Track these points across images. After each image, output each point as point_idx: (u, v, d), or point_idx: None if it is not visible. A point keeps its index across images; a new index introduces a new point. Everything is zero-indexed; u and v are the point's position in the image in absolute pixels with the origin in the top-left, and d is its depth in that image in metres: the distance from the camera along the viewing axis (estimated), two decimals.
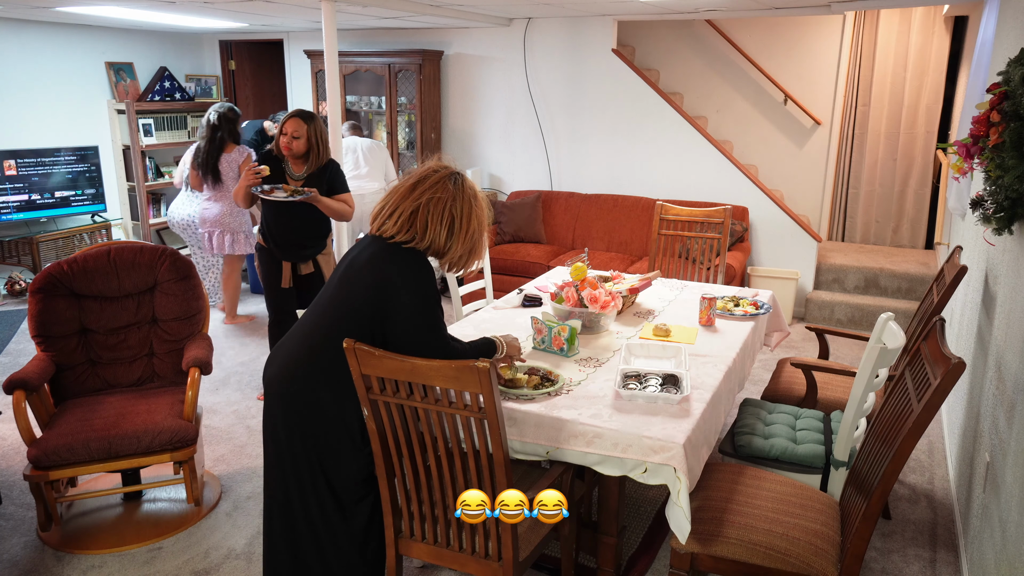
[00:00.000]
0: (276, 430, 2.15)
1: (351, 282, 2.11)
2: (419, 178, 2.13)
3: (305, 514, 2.15)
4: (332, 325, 2.07)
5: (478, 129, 6.67)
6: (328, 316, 2.11)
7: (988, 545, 2.25)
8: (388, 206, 2.14)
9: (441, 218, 2.10)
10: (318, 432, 2.10)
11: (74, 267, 3.11)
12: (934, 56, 6.19)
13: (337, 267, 2.22)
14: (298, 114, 3.68)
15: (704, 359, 2.69)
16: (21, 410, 2.73)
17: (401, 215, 2.10)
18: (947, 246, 5.19)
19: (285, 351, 2.16)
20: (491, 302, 3.63)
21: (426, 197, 2.10)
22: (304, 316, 2.22)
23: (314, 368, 2.09)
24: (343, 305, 2.09)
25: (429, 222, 2.10)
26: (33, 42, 6.38)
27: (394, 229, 2.10)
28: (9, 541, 2.86)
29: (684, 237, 4.26)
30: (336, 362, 2.04)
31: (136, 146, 6.91)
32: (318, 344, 2.09)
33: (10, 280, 6.00)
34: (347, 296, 2.10)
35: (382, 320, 2.06)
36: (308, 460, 2.12)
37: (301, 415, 2.10)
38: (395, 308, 2.06)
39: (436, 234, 2.11)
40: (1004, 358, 2.36)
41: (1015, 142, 2.02)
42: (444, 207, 2.11)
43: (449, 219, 2.11)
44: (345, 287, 2.12)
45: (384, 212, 2.14)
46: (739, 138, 6.76)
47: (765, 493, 2.26)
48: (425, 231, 2.10)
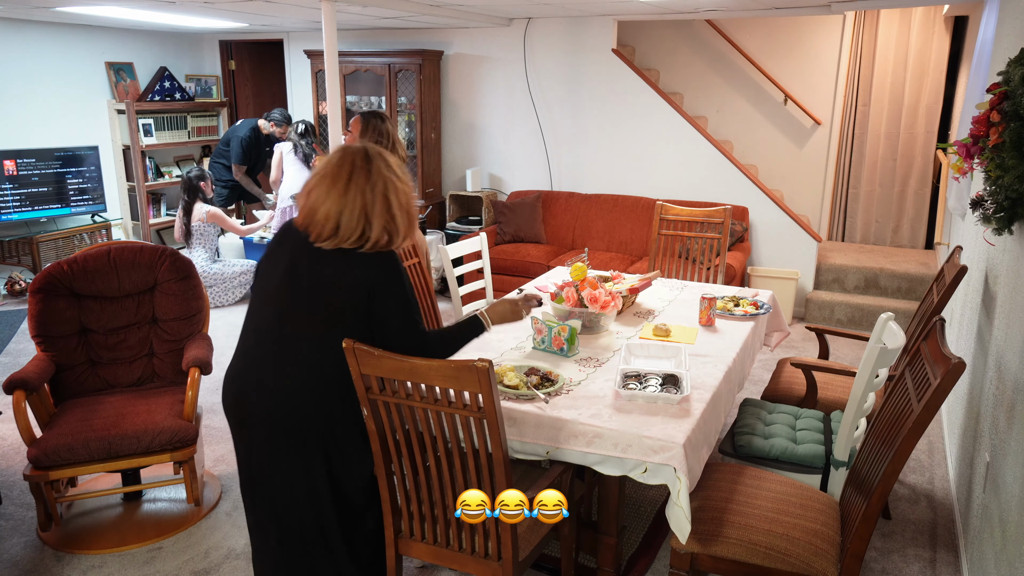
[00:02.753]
0: (272, 462, 2.07)
1: (326, 299, 2.00)
2: (343, 178, 1.99)
3: (314, 543, 2.12)
4: (325, 342, 2.01)
5: (478, 129, 6.67)
6: (317, 333, 2.02)
7: (988, 545, 2.25)
8: (321, 214, 1.98)
9: (383, 209, 2.00)
10: (331, 446, 2.06)
11: (74, 267, 3.11)
12: (934, 56, 6.19)
13: (270, 273, 2.09)
14: (361, 113, 3.60)
15: (704, 359, 2.69)
16: (21, 410, 2.73)
17: (344, 222, 1.97)
18: (947, 246, 5.19)
19: (270, 380, 2.03)
20: (491, 302, 3.62)
21: (360, 197, 1.98)
22: (267, 338, 2.06)
23: (322, 383, 2.03)
24: (328, 322, 2.01)
25: (374, 219, 1.99)
26: (33, 42, 6.38)
27: (347, 236, 1.98)
28: (9, 541, 2.86)
29: (684, 237, 4.26)
30: (344, 370, 2.01)
31: (136, 146, 6.91)
32: (317, 361, 2.02)
33: (10, 280, 6.00)
34: (328, 312, 2.01)
35: (369, 325, 2.03)
36: (316, 482, 2.06)
37: (314, 436, 2.04)
38: (382, 314, 2.01)
39: (384, 226, 2.01)
40: (1004, 358, 2.36)
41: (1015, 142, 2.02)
42: (376, 196, 1.99)
43: (385, 205, 2.00)
44: (320, 303, 2.01)
45: (320, 220, 1.99)
46: (739, 138, 6.76)
47: (765, 493, 2.26)
48: (372, 228, 1.99)
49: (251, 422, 2.07)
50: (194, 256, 5.73)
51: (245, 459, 2.14)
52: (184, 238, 5.79)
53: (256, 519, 2.18)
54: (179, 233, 5.80)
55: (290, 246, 2.09)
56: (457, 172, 6.85)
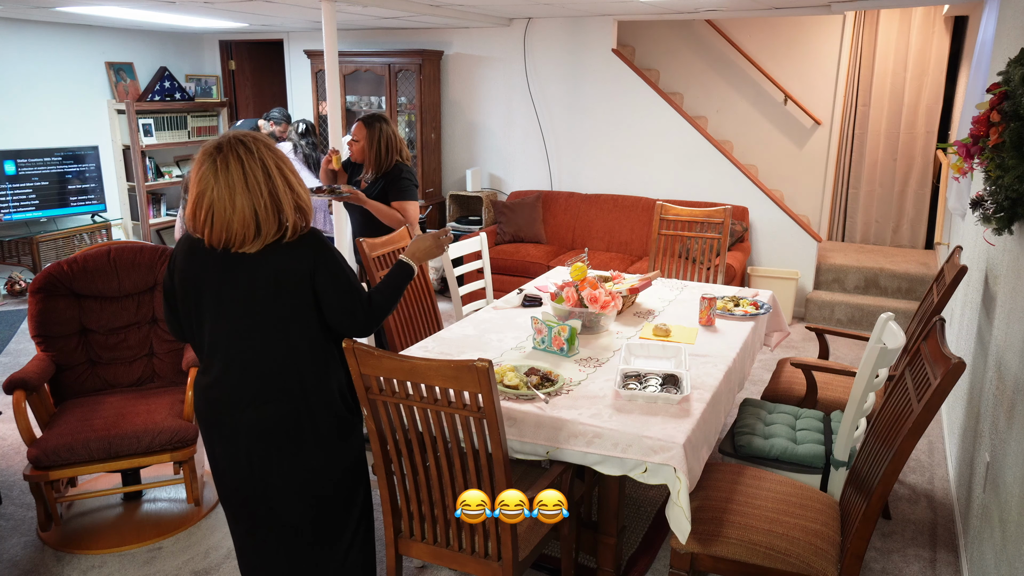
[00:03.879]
0: (264, 465, 2.04)
1: (274, 296, 1.95)
2: (238, 176, 1.88)
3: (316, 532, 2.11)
4: (288, 343, 1.98)
5: (478, 129, 6.67)
6: (274, 337, 1.98)
7: (988, 545, 2.25)
8: (238, 221, 1.88)
9: (285, 188, 1.93)
10: (316, 436, 2.04)
11: (74, 267, 3.11)
12: (934, 56, 6.19)
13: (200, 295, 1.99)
14: (362, 119, 3.67)
15: (704, 359, 2.69)
16: (21, 410, 2.73)
17: (263, 218, 1.89)
18: (947, 246, 5.19)
19: (244, 395, 1.99)
20: (491, 302, 3.62)
21: (262, 186, 1.89)
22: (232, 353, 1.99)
23: (293, 373, 2.00)
24: (281, 323, 1.97)
25: (284, 203, 1.92)
26: (33, 42, 6.38)
27: (268, 230, 1.91)
28: (9, 541, 2.86)
29: (684, 237, 4.26)
30: (315, 355, 1.99)
31: (136, 146, 6.91)
32: (284, 366, 1.99)
33: (10, 280, 6.00)
34: (280, 312, 1.97)
35: (318, 309, 2.00)
36: (310, 473, 2.06)
37: (299, 432, 2.02)
38: (328, 292, 1.98)
39: (295, 204, 1.94)
40: (1004, 358, 2.36)
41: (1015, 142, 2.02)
42: (275, 179, 1.91)
43: (285, 183, 1.93)
44: (269, 306, 1.96)
45: (239, 228, 1.89)
46: (739, 138, 6.76)
47: (765, 493, 2.26)
48: (284, 213, 1.93)
49: (234, 437, 2.03)
50: None
51: (230, 468, 2.08)
52: None
53: (251, 524, 2.14)
54: (179, 233, 5.79)
55: (205, 265, 1.97)
56: (457, 172, 6.85)
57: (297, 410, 2.01)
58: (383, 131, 3.63)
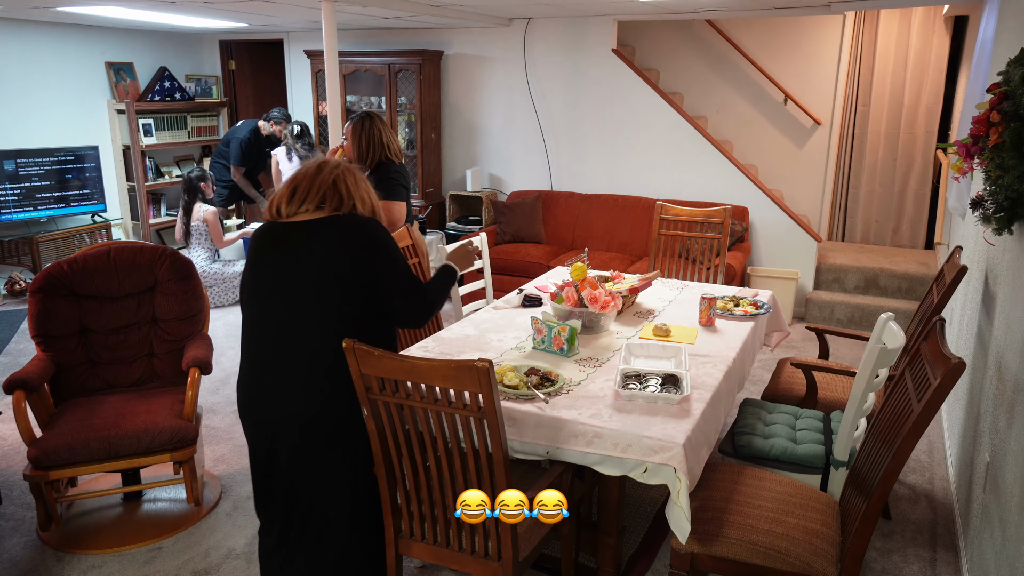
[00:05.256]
0: (305, 461, 2.12)
1: (327, 283, 2.06)
2: (318, 164, 2.19)
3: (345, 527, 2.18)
4: (333, 329, 2.06)
5: (478, 129, 6.67)
6: (322, 323, 2.07)
7: (988, 545, 2.25)
8: (299, 191, 2.13)
9: (355, 183, 2.18)
10: (353, 433, 2.13)
11: (74, 267, 3.11)
12: (934, 56, 6.19)
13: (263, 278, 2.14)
14: (352, 117, 3.69)
15: (704, 359, 2.69)
16: (21, 410, 2.73)
17: (321, 191, 2.13)
18: (947, 246, 5.19)
19: (288, 385, 2.09)
20: (491, 302, 3.62)
21: (333, 174, 2.16)
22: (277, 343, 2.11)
23: (337, 384, 2.08)
24: (329, 307, 2.07)
25: (346, 188, 2.16)
26: (33, 42, 6.38)
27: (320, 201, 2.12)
28: (9, 541, 2.86)
29: (684, 237, 4.26)
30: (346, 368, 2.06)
31: (136, 146, 6.91)
32: (330, 358, 2.06)
33: (10, 280, 6.00)
34: (330, 296, 2.06)
35: (369, 297, 2.10)
36: (348, 468, 2.15)
37: (341, 428, 2.12)
38: (379, 273, 2.10)
39: (351, 193, 2.16)
40: (1004, 358, 2.36)
41: (1015, 142, 2.02)
42: (335, 176, 2.16)
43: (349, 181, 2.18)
44: (322, 289, 2.06)
45: (299, 196, 2.13)
46: (739, 138, 6.76)
47: (765, 493, 2.26)
48: (346, 193, 2.15)
49: (277, 430, 2.11)
50: (194, 256, 5.73)
51: (268, 464, 2.16)
52: (184, 238, 5.78)
53: (286, 521, 2.19)
54: (179, 233, 5.80)
55: (271, 248, 2.14)
56: (457, 172, 6.85)
57: (334, 404, 2.14)
58: (366, 127, 3.66)
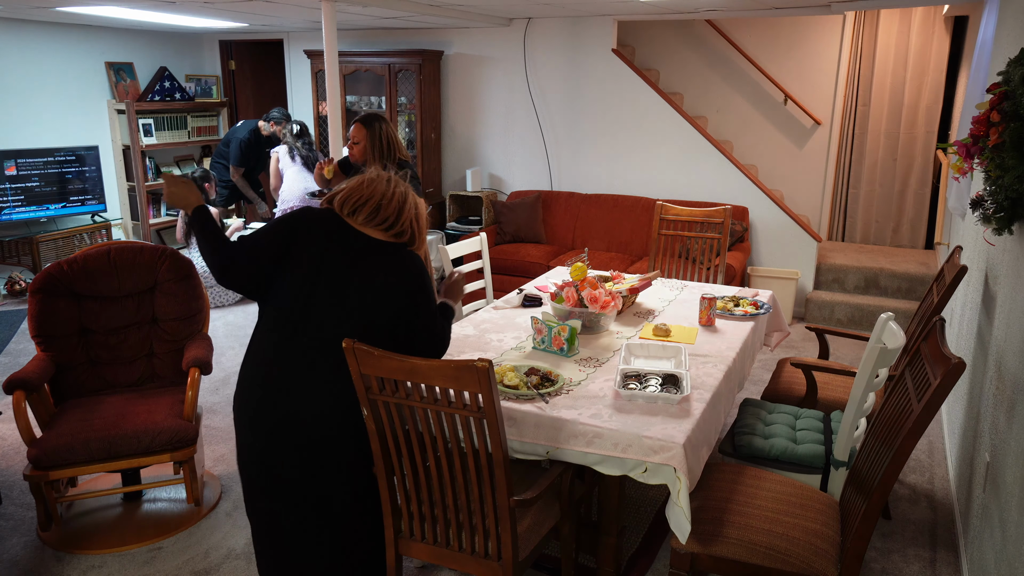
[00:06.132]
0: (307, 468, 2.09)
1: (367, 301, 2.07)
2: (384, 176, 2.21)
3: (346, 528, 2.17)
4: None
5: (478, 129, 6.67)
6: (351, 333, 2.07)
7: (988, 545, 2.25)
8: (371, 203, 2.14)
9: (412, 211, 2.20)
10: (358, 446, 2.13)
11: (74, 267, 3.11)
12: (934, 56, 6.19)
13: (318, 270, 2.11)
14: (360, 119, 3.60)
15: (704, 359, 2.69)
16: (21, 410, 2.72)
17: (390, 215, 2.15)
18: (947, 246, 5.19)
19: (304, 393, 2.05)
20: (491, 302, 3.63)
21: (399, 191, 2.18)
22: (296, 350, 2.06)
23: (346, 384, 2.08)
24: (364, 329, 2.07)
25: (412, 219, 2.19)
26: (33, 42, 6.38)
27: (388, 226, 2.15)
28: (9, 541, 2.86)
29: (684, 237, 4.26)
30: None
31: (136, 146, 6.91)
32: (343, 359, 2.06)
33: (10, 280, 6.00)
34: (372, 318, 2.08)
35: (402, 325, 2.12)
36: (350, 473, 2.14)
37: (346, 439, 2.11)
38: (417, 312, 2.13)
39: (414, 227, 2.20)
40: (1004, 358, 2.36)
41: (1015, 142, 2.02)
42: (405, 199, 2.20)
43: (413, 208, 2.21)
44: (361, 305, 2.07)
45: (370, 207, 2.14)
46: (739, 138, 6.76)
47: (765, 493, 2.26)
48: (411, 226, 2.19)
49: (280, 427, 2.07)
50: (194, 256, 5.73)
51: (267, 469, 2.11)
52: (185, 238, 5.78)
53: (287, 523, 2.15)
54: (180, 233, 5.80)
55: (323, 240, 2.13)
56: (457, 172, 6.85)
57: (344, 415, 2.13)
58: (383, 129, 3.58)
